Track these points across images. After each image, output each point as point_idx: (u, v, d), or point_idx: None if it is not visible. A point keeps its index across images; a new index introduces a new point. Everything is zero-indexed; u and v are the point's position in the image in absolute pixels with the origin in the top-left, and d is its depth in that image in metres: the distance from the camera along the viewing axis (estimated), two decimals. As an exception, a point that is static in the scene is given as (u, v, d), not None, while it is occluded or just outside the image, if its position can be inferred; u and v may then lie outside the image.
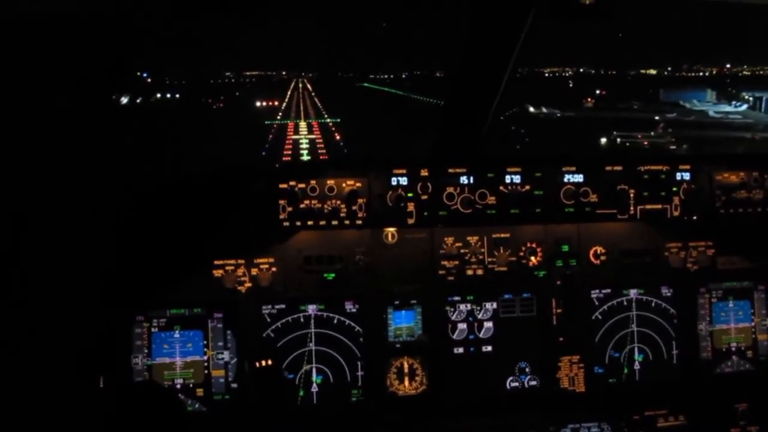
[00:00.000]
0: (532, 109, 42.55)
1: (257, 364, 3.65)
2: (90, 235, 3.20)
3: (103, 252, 3.31)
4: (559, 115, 41.72)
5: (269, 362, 3.67)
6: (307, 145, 39.98)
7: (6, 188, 2.73)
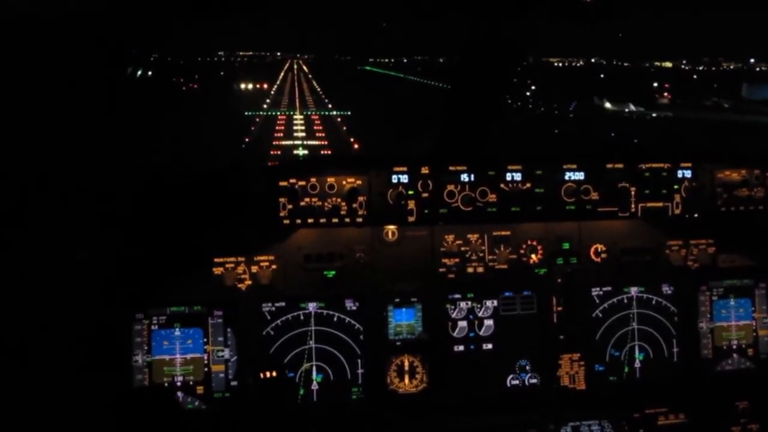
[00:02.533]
0: (608, 105, 39.30)
1: (262, 375, 3.82)
2: (90, 234, 3.38)
3: (103, 251, 3.48)
4: (654, 114, 38.34)
5: (274, 374, 3.83)
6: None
7: (7, 186, 2.89)
